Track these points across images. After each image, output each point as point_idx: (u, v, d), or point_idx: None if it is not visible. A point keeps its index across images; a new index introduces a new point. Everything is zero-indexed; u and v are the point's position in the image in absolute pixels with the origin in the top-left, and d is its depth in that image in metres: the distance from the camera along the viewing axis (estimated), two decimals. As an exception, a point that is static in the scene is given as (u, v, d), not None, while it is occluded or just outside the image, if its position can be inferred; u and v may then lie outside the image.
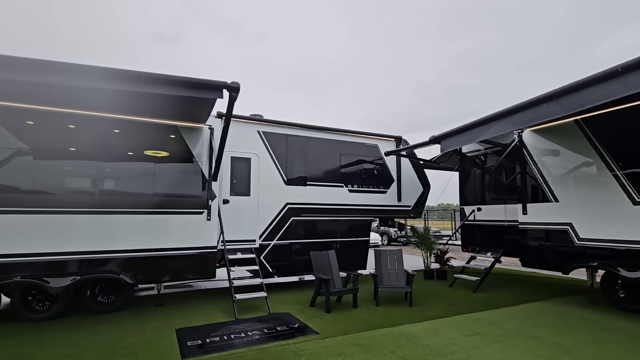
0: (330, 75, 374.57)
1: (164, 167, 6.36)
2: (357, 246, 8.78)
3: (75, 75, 3.97)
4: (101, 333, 5.04)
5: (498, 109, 5.38)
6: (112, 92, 4.21)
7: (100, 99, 4.78)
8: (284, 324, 5.51)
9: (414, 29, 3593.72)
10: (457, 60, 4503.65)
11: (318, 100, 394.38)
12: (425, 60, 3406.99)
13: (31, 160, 5.46)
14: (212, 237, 6.57)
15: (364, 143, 9.19)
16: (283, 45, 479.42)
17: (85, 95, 4.63)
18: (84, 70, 3.98)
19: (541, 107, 4.52)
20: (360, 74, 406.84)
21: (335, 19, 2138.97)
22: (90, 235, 5.63)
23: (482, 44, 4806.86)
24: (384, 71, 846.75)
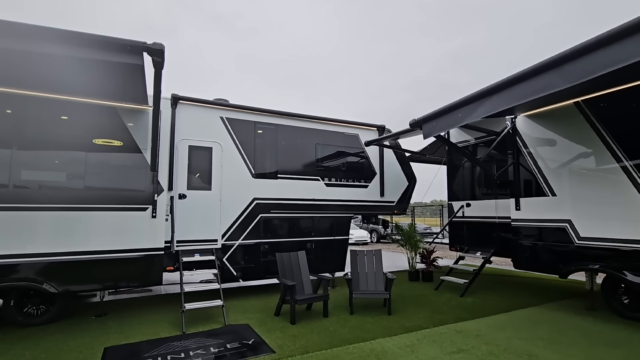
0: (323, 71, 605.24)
1: (100, 156, 5.46)
2: (335, 246, 7.97)
3: None
4: (11, 354, 4.18)
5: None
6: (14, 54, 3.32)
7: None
8: (236, 339, 4.69)
9: (406, 26, 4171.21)
10: (450, 57, 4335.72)
11: (311, 96, 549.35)
12: (417, 57, 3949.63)
13: None
14: (157, 236, 5.70)
15: (342, 132, 8.36)
16: (276, 41, 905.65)
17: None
18: None
19: (539, 78, 3.72)
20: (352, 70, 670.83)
21: (327, 14, 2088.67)
22: (5, 235, 4.73)
23: (475, 41, 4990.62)
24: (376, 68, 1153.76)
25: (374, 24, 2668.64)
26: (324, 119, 8.15)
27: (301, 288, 5.93)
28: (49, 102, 5.19)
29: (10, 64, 3.87)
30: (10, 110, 4.95)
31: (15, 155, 4.97)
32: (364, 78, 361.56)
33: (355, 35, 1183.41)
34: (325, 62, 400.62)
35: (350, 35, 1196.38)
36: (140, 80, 4.20)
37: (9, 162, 4.89)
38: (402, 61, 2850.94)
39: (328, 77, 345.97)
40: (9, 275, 4.78)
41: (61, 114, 5.36)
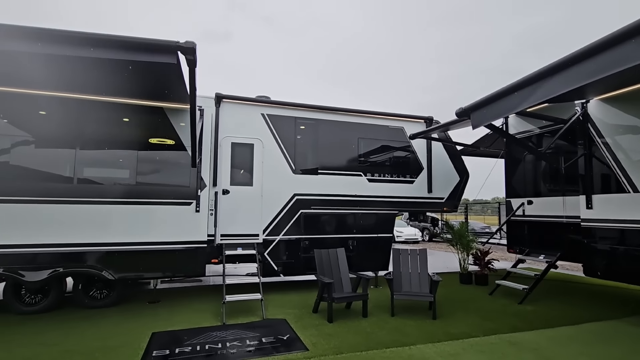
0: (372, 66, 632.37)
1: (149, 154, 5.88)
2: (378, 244, 7.69)
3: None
4: (76, 332, 4.66)
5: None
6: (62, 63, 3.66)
7: (52, 74, 4.29)
8: (272, 333, 4.71)
9: (466, 10, 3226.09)
10: (517, 41, 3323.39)
11: (360, 91, 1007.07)
12: (482, 43, 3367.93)
13: (5, 149, 5.24)
14: (200, 230, 5.96)
15: (386, 126, 8.00)
16: (326, 37, 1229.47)
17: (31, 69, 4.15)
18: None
19: (620, 48, 3.06)
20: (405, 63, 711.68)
21: (380, 5, 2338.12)
22: (67, 226, 5.29)
23: (546, 22, 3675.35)
24: (432, 57, 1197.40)
25: (430, 9, 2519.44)
26: (367, 112, 7.88)
27: (340, 286, 5.79)
28: (105, 105, 5.68)
29: (70, 70, 4.28)
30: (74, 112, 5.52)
31: (78, 154, 5.53)
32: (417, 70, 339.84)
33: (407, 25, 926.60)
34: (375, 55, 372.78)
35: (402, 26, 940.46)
36: (180, 80, 4.38)
37: (74, 160, 5.46)
38: (465, 48, 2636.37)
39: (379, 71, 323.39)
40: (74, 261, 5.34)
41: (120, 116, 5.85)
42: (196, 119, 4.69)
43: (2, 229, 5.07)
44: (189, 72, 3.88)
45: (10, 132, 5.36)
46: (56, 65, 4.02)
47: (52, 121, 5.51)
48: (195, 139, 4.96)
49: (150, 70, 4.15)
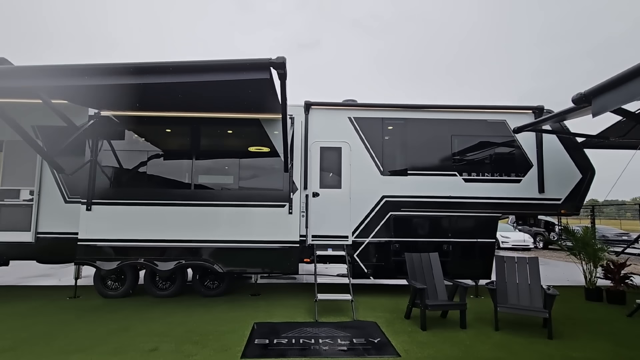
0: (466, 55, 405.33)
1: (249, 161, 6.56)
2: (478, 249, 7.01)
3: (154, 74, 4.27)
4: (195, 315, 5.44)
5: None
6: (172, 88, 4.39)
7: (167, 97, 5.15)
8: (363, 335, 4.72)
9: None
10: None
11: (459, 86, 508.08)
12: (604, 14, 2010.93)
13: (143, 162, 6.49)
14: (293, 231, 6.34)
15: (485, 120, 7.27)
16: (414, 31, 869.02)
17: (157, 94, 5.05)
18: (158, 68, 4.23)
19: None
20: (508, 48, 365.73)
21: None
22: (187, 225, 6.24)
23: None
24: (541, 38, 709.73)
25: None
26: (461, 107, 7.29)
27: (433, 293, 5.47)
28: (214, 120, 6.56)
29: (186, 93, 5.09)
30: (190, 129, 6.54)
31: (195, 163, 6.50)
32: (524, 54, 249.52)
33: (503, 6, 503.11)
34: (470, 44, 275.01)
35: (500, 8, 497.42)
36: (273, 92, 4.78)
37: (191, 169, 6.46)
38: (581, 23, 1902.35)
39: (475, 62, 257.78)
40: (192, 255, 6.28)
41: (224, 129, 6.69)
42: (287, 126, 5.04)
43: (142, 226, 6.27)
44: (280, 84, 4.20)
45: (146, 148, 6.61)
46: (176, 90, 4.82)
47: (175, 137, 6.62)
48: (287, 145, 5.35)
49: (248, 86, 4.64)
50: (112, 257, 6.22)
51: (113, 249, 6.24)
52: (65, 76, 4.19)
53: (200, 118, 6.57)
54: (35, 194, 6.72)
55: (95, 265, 6.19)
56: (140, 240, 6.23)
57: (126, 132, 6.64)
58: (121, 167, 6.54)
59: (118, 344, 4.27)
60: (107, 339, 4.45)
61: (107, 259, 6.20)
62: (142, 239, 6.23)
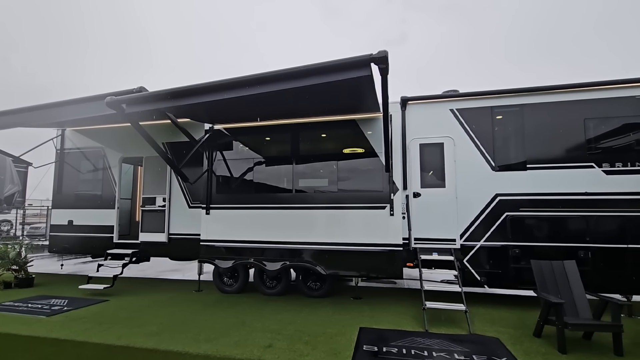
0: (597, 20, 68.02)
1: (346, 163, 6.51)
2: (629, 257, 5.64)
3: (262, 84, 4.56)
4: (302, 316, 5.59)
5: None
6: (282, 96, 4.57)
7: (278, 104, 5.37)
8: (484, 352, 4.18)
9: None
10: None
11: (584, 61, 69.75)
12: None
13: (250, 168, 6.99)
14: (396, 233, 6.03)
15: (632, 96, 5.85)
16: (518, 7, 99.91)
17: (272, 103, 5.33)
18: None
19: None
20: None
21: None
22: (290, 227, 6.50)
23: None
24: None
25: None
26: (597, 84, 6.00)
27: (573, 309, 4.56)
28: (312, 125, 6.73)
29: (286, 101, 5.30)
30: (289, 136, 6.85)
31: (295, 168, 6.76)
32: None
33: None
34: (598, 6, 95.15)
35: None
36: (371, 90, 4.63)
37: (292, 173, 6.73)
38: None
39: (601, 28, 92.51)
40: (295, 257, 6.52)
41: (321, 132, 6.81)
42: (389, 124, 4.81)
43: (251, 228, 6.78)
44: (381, 81, 4.02)
45: (251, 156, 7.13)
46: (272, 99, 5.06)
47: (276, 144, 7.01)
48: (389, 144, 5.11)
49: (346, 87, 4.58)
50: (228, 256, 6.87)
51: (228, 249, 6.89)
52: (187, 96, 4.77)
53: (299, 124, 6.81)
54: (167, 201, 7.88)
55: (214, 263, 6.92)
56: (250, 242, 6.75)
57: (234, 143, 7.29)
58: (231, 174, 7.19)
59: (238, 337, 4.62)
60: (228, 331, 4.86)
61: (224, 257, 6.88)
62: (252, 240, 6.73)
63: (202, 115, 6.56)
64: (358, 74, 3.84)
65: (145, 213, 8.04)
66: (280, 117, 6.76)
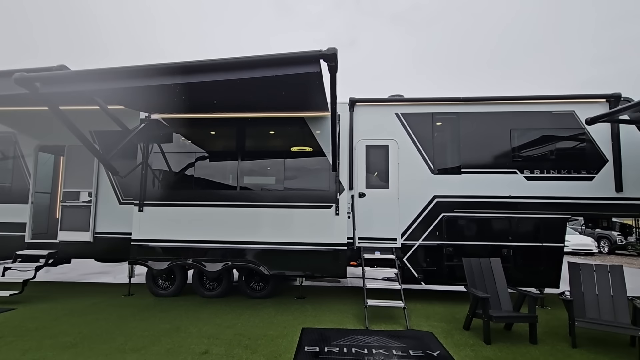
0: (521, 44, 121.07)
1: (293, 161, 6.40)
2: (543, 255, 6.34)
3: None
4: (243, 318, 5.37)
5: None
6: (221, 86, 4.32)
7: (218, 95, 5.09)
8: (420, 347, 4.36)
9: None
10: None
11: (507, 75, 71.85)
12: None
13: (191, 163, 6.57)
14: (341, 233, 6.09)
15: (549, 111, 6.57)
16: (459, 23, 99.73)
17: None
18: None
19: None
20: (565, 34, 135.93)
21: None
22: (235, 226, 6.23)
23: None
24: (605, 20, 63.19)
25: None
26: (521, 98, 6.65)
27: (497, 302, 4.97)
28: (259, 120, 6.50)
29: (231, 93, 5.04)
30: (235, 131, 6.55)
31: (240, 165, 6.48)
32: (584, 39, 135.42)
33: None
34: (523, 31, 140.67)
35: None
36: (320, 88, 4.59)
37: (237, 170, 6.44)
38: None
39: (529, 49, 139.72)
40: (238, 257, 6.26)
41: (269, 129, 6.61)
42: (336, 123, 4.81)
43: (190, 227, 6.35)
44: (330, 78, 3.99)
45: (193, 150, 6.70)
46: (222, 90, 4.78)
47: (220, 139, 6.66)
48: (336, 143, 5.11)
49: (294, 82, 4.48)
50: (163, 257, 6.36)
51: (164, 249, 6.39)
52: (117, 78, 4.28)
53: (245, 119, 6.54)
54: (93, 196, 7.07)
55: (147, 265, 6.36)
56: (189, 241, 6.32)
57: (174, 135, 6.78)
58: (170, 169, 6.68)
59: (171, 345, 4.27)
60: (160, 338, 4.48)
61: (158, 259, 6.35)
62: (190, 239, 6.31)
63: (136, 103, 5.97)
64: (307, 69, 3.76)
65: (66, 209, 7.13)
66: (226, 110, 6.43)
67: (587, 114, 6.28)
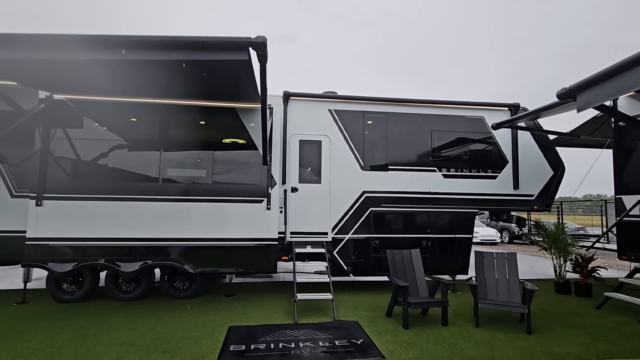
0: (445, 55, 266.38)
1: (224, 154, 6.14)
2: (456, 245, 7.04)
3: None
4: (164, 321, 4.99)
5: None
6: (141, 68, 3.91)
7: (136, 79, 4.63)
8: (345, 336, 4.52)
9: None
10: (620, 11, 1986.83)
11: (432, 82, 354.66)
12: (575, 17, 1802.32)
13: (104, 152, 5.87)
14: (271, 227, 6.02)
15: (463, 116, 7.28)
16: (394, 29, 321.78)
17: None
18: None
19: None
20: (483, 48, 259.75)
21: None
22: (154, 222, 5.74)
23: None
24: (515, 39, 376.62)
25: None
26: (441, 102, 7.26)
27: (415, 290, 5.38)
28: (186, 108, 6.06)
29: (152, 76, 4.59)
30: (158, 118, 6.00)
31: (164, 155, 5.98)
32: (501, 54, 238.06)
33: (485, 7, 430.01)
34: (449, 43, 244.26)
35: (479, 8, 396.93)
36: (251, 78, 4.42)
37: (159, 161, 5.93)
38: (552, 26, 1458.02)
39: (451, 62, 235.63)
40: (160, 255, 5.80)
41: (197, 118, 6.20)
42: (267, 116, 4.68)
43: (102, 223, 5.69)
44: (260, 68, 3.85)
45: (107, 137, 5.99)
46: (138, 71, 4.32)
47: (141, 126, 6.05)
48: (267, 136, 4.99)
49: (223, 70, 4.25)
50: (68, 257, 5.60)
51: (68, 248, 5.62)
52: (10, 47, 3.58)
53: (171, 106, 6.03)
54: (-25, 188, 5.92)
55: (46, 267, 5.54)
56: (100, 239, 5.65)
57: (85, 120, 5.99)
58: (78, 157, 5.88)
59: (74, 356, 3.79)
60: (60, 351, 3.94)
61: (61, 260, 5.57)
62: (102, 237, 5.65)
63: (33, 79, 5.08)
64: (234, 56, 3.58)
65: (-63, 203, 5.87)
66: (149, 95, 5.85)
67: (493, 120, 7.11)
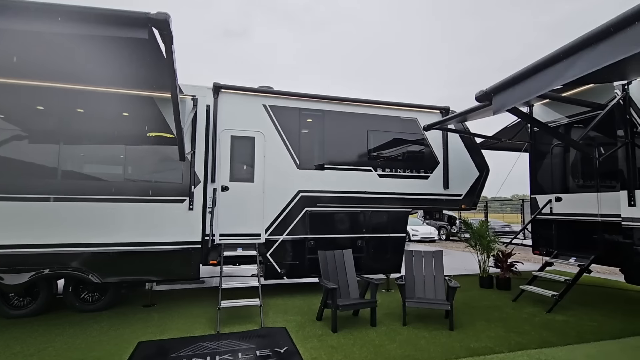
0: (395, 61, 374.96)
1: (137, 148, 5.50)
2: (390, 244, 7.12)
3: None
4: (60, 340, 4.32)
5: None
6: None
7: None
8: (269, 345, 4.24)
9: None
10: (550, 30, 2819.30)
11: (382, 88, 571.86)
12: (510, 33, 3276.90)
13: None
14: (194, 230, 5.56)
15: (398, 117, 7.40)
16: (345, 32, 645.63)
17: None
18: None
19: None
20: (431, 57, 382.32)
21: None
22: (50, 225, 4.97)
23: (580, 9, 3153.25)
24: (460, 51, 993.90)
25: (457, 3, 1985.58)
26: (377, 102, 7.30)
27: (346, 291, 5.28)
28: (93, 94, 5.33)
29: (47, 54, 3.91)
30: (57, 105, 5.19)
31: (63, 148, 5.20)
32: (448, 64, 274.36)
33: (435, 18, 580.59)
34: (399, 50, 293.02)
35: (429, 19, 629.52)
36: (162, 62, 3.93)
37: (57, 154, 5.13)
38: (492, 41, 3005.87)
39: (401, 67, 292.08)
40: (57, 263, 5.01)
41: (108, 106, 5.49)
42: (179, 105, 4.20)
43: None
44: (164, 49, 3.42)
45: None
46: (28, 47, 3.65)
47: (35, 113, 5.20)
48: (181, 128, 4.48)
49: (130, 52, 3.73)
50: None
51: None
52: None
53: (72, 90, 5.24)
54: None
55: None
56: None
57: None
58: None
59: None
60: None
61: None
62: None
63: None
64: (133, 34, 3.11)
65: None
66: (47, 77, 5.04)
67: (425, 122, 7.31)
